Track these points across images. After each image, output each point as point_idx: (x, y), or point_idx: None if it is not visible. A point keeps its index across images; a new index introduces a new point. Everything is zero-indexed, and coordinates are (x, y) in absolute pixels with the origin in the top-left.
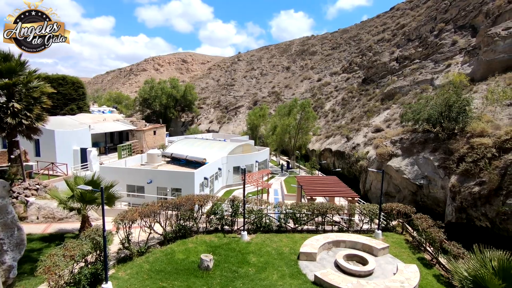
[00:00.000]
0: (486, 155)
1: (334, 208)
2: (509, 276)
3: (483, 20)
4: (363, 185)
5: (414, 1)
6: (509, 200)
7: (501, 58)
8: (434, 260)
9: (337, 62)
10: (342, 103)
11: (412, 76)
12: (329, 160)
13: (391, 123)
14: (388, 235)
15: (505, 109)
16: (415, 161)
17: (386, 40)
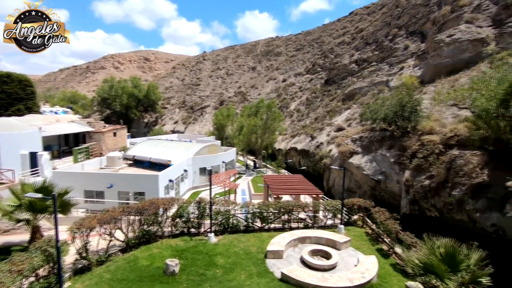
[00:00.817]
0: (434, 151)
1: (300, 206)
2: (453, 261)
3: (430, 27)
4: (327, 182)
5: (371, 7)
6: (454, 191)
7: (446, 62)
8: (391, 250)
9: (301, 63)
10: (306, 103)
11: (370, 78)
12: (295, 159)
13: (352, 122)
14: (350, 229)
15: (449, 108)
16: (374, 158)
17: (346, 43)
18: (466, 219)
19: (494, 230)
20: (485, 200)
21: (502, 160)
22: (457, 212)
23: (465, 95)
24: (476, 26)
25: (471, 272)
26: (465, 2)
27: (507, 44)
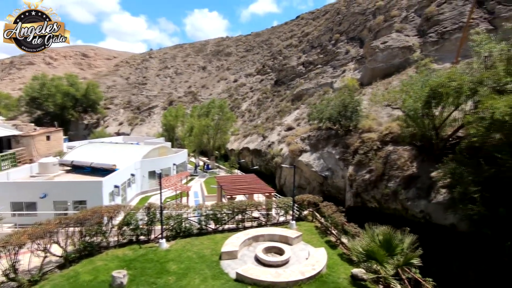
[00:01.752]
0: (373, 147)
1: (253, 205)
2: (390, 246)
3: (367, 34)
4: (278, 180)
5: (315, 12)
6: (389, 183)
7: (380, 66)
8: (338, 241)
9: (251, 64)
10: (257, 103)
11: (316, 80)
12: (248, 158)
13: (301, 121)
14: (301, 224)
15: (384, 109)
16: (321, 155)
17: (293, 46)
18: (400, 208)
19: (423, 216)
20: (415, 189)
21: (427, 154)
22: (393, 201)
23: (396, 96)
24: (405, 35)
25: (405, 255)
26: (395, 13)
27: (429, 52)
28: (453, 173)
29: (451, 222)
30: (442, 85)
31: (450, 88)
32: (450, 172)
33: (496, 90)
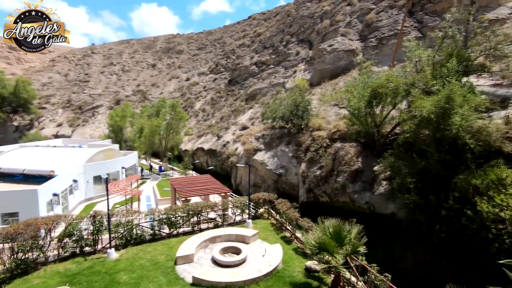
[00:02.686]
0: (323, 145)
1: (209, 206)
2: (339, 237)
3: (316, 36)
4: (234, 179)
5: (267, 13)
6: (338, 178)
7: (328, 68)
8: (293, 236)
9: (204, 63)
10: (211, 102)
11: (269, 79)
12: (202, 159)
13: (255, 121)
14: (257, 222)
15: (332, 108)
16: (275, 153)
17: (246, 46)
18: (348, 200)
19: (368, 207)
20: (360, 183)
21: (370, 149)
22: (342, 195)
23: (342, 96)
24: (349, 39)
25: (352, 244)
26: (340, 18)
27: (370, 55)
28: (392, 166)
29: (392, 211)
30: (382, 86)
31: (388, 89)
32: (389, 165)
33: (425, 91)
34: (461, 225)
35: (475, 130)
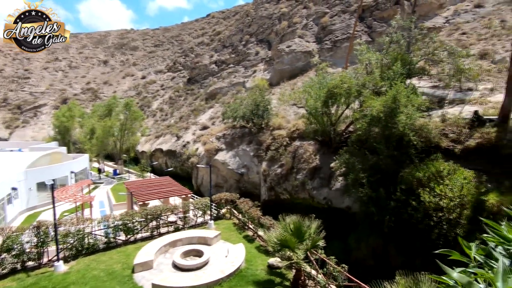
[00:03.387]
0: (283, 143)
1: (169, 209)
2: (300, 233)
3: (274, 37)
4: (195, 180)
5: (226, 12)
6: (298, 175)
7: (287, 68)
8: (255, 235)
9: (161, 60)
10: (170, 102)
11: (229, 79)
12: (161, 160)
13: (215, 120)
14: (219, 223)
15: (291, 107)
16: (236, 153)
17: (205, 44)
18: (307, 197)
19: (326, 202)
20: (318, 179)
21: (327, 147)
22: (301, 192)
23: (300, 96)
24: (306, 41)
25: (312, 239)
26: (297, 20)
27: (325, 57)
28: (347, 163)
29: (347, 205)
30: (336, 86)
31: (342, 89)
32: (344, 162)
33: (375, 92)
34: (408, 214)
35: (418, 127)
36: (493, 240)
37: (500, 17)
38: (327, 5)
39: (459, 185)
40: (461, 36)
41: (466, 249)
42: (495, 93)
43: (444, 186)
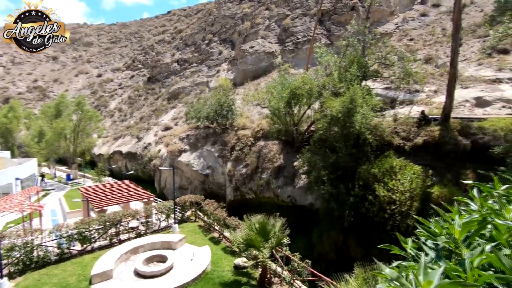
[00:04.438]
0: (247, 143)
1: (129, 214)
2: (265, 232)
3: (238, 37)
4: (158, 183)
5: (188, 10)
6: (263, 175)
7: (250, 69)
8: (221, 236)
9: (119, 58)
10: (129, 101)
11: (192, 78)
12: (121, 163)
13: (178, 121)
14: (184, 226)
15: (255, 107)
16: (201, 154)
17: (166, 42)
18: (272, 195)
19: (290, 200)
20: (283, 178)
21: (291, 146)
22: (266, 191)
23: (263, 97)
24: (268, 42)
25: (277, 237)
26: (259, 21)
27: (287, 58)
28: (309, 161)
29: (310, 202)
30: (298, 87)
31: (304, 90)
32: (307, 161)
33: (334, 93)
34: (365, 208)
35: (373, 127)
36: (423, 235)
37: (442, 26)
38: (289, 8)
39: (409, 179)
40: (409, 42)
41: (403, 244)
42: (439, 94)
43: (396, 181)
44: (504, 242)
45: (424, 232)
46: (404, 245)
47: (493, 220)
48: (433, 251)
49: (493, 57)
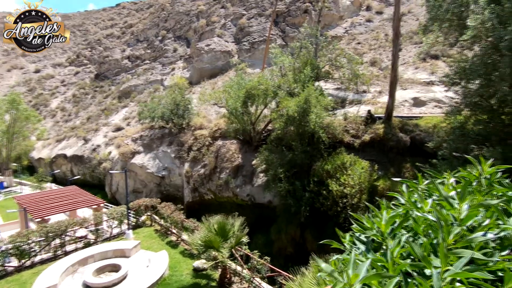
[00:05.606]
0: (205, 143)
1: (76, 223)
2: (224, 232)
3: (193, 35)
4: (109, 188)
5: (139, 3)
6: (221, 175)
7: (207, 67)
8: (179, 239)
9: (60, 52)
10: (74, 100)
11: (145, 76)
12: (65, 167)
13: (131, 121)
14: (139, 232)
15: (212, 107)
16: (156, 155)
17: (116, 37)
18: (231, 195)
19: (249, 199)
20: (241, 177)
21: (249, 145)
22: (225, 190)
23: (220, 96)
24: (225, 41)
25: (236, 237)
26: (215, 19)
27: (244, 58)
28: (267, 160)
29: (268, 199)
30: (254, 88)
31: (260, 90)
32: (264, 159)
33: (289, 93)
34: (320, 203)
35: (325, 125)
36: (357, 230)
37: (385, 31)
38: (244, 7)
39: (358, 174)
40: (357, 45)
41: (341, 238)
42: (383, 95)
43: (347, 176)
44: (420, 232)
45: (357, 227)
46: (343, 239)
47: (413, 213)
48: (363, 245)
49: (427, 62)
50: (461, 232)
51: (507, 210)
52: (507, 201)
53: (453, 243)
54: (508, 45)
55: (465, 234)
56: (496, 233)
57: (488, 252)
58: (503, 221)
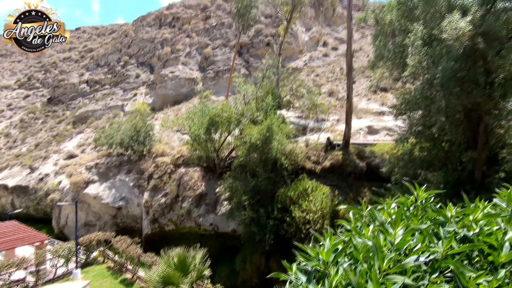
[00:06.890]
0: (167, 171)
1: (12, 264)
2: (184, 266)
3: (157, 61)
4: (57, 222)
5: (100, 29)
6: (184, 204)
7: (170, 94)
8: (135, 277)
9: (8, 74)
10: (21, 125)
11: (104, 101)
12: (5, 199)
13: (86, 148)
14: (89, 270)
15: (175, 133)
16: (113, 184)
17: (74, 60)
18: (194, 225)
19: (212, 228)
20: (204, 206)
21: (212, 172)
22: (188, 220)
23: (184, 123)
24: (189, 68)
25: (197, 270)
26: (180, 47)
27: (208, 86)
28: (231, 187)
29: (232, 228)
30: (217, 115)
31: (223, 118)
32: (228, 186)
33: (252, 121)
34: (284, 230)
35: (288, 152)
36: (302, 260)
37: (340, 65)
38: (209, 38)
39: (320, 199)
40: (315, 77)
41: (288, 269)
42: (340, 123)
43: (309, 202)
44: (360, 259)
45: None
46: (290, 270)
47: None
48: (304, 275)
49: (377, 94)
50: (395, 257)
51: (437, 234)
52: (437, 224)
53: (388, 268)
54: (440, 82)
55: (400, 259)
56: (427, 257)
57: (420, 275)
58: (433, 244)
